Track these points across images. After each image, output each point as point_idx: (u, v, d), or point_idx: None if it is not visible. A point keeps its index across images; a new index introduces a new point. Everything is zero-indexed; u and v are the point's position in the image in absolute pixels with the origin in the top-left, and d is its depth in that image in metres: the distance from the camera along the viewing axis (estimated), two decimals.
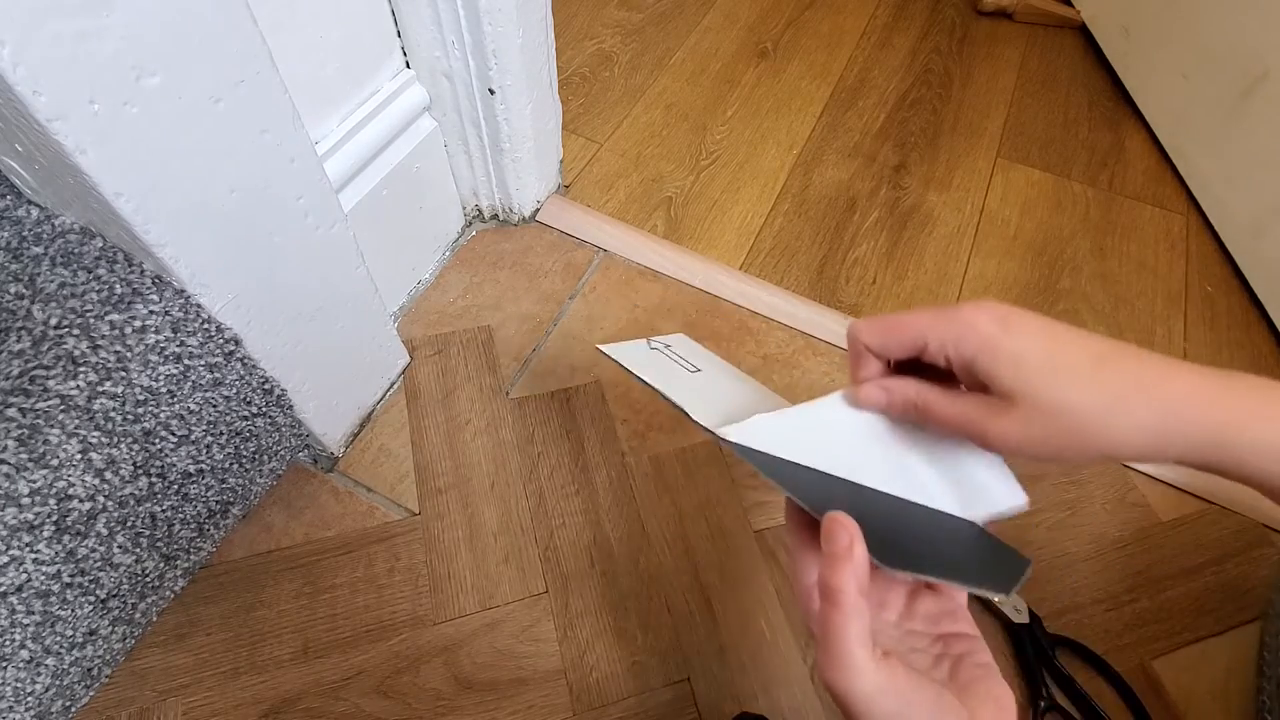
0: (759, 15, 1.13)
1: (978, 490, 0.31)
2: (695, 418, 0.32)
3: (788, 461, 0.31)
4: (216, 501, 0.56)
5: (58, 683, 0.50)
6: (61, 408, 0.43)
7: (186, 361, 0.48)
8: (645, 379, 0.35)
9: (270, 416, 0.56)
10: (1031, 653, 0.59)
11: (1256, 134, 0.84)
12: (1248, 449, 0.25)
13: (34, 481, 0.42)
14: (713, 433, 0.32)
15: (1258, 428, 0.25)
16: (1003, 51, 1.12)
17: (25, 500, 0.42)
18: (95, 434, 0.44)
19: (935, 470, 0.32)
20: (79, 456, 0.44)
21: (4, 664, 0.45)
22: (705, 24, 1.11)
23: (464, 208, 0.83)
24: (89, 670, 0.53)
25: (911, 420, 0.31)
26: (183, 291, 0.46)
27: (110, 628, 0.53)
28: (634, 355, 0.39)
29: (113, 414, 0.45)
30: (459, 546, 0.64)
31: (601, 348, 0.39)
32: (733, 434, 0.31)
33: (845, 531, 0.26)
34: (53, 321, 0.44)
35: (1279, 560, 0.66)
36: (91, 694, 0.55)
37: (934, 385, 0.30)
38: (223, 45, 0.39)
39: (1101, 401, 0.25)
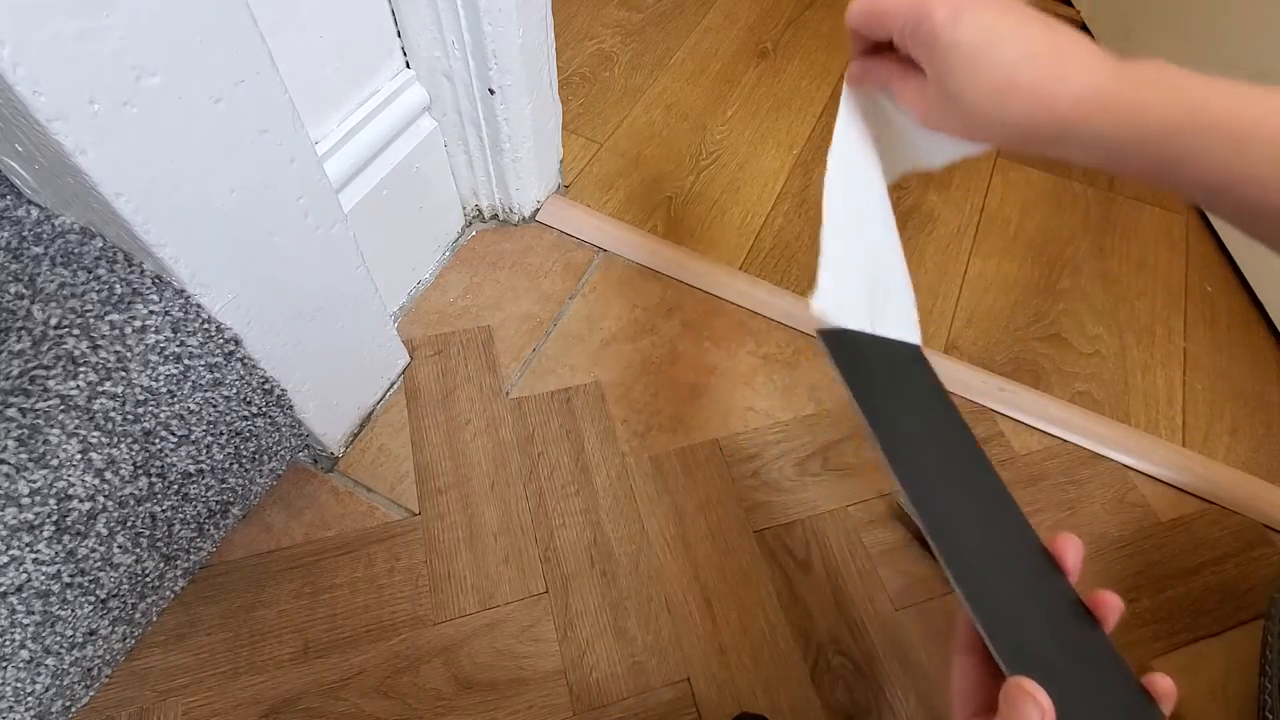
0: (759, 15, 1.13)
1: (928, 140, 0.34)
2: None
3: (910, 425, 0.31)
4: (216, 501, 0.56)
5: (58, 683, 0.50)
6: (61, 408, 0.43)
7: (186, 361, 0.48)
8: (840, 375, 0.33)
9: (270, 416, 0.56)
10: None
11: None
12: (1077, 143, 0.27)
13: (34, 481, 0.42)
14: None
15: (1098, 120, 0.26)
16: None
17: (25, 500, 0.42)
18: (95, 434, 0.44)
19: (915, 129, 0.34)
20: (79, 456, 0.44)
21: (4, 664, 0.45)
22: (705, 24, 1.11)
23: (464, 208, 0.83)
24: (89, 670, 0.53)
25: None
26: (183, 291, 0.46)
27: (110, 628, 0.53)
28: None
29: (113, 414, 0.45)
30: (459, 546, 0.64)
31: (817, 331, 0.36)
32: (828, 319, 0.31)
33: (1037, 708, 0.23)
34: (53, 321, 0.44)
35: None
36: (91, 694, 0.55)
37: (894, 64, 0.33)
38: (223, 45, 0.39)
39: (992, 102, 0.28)
